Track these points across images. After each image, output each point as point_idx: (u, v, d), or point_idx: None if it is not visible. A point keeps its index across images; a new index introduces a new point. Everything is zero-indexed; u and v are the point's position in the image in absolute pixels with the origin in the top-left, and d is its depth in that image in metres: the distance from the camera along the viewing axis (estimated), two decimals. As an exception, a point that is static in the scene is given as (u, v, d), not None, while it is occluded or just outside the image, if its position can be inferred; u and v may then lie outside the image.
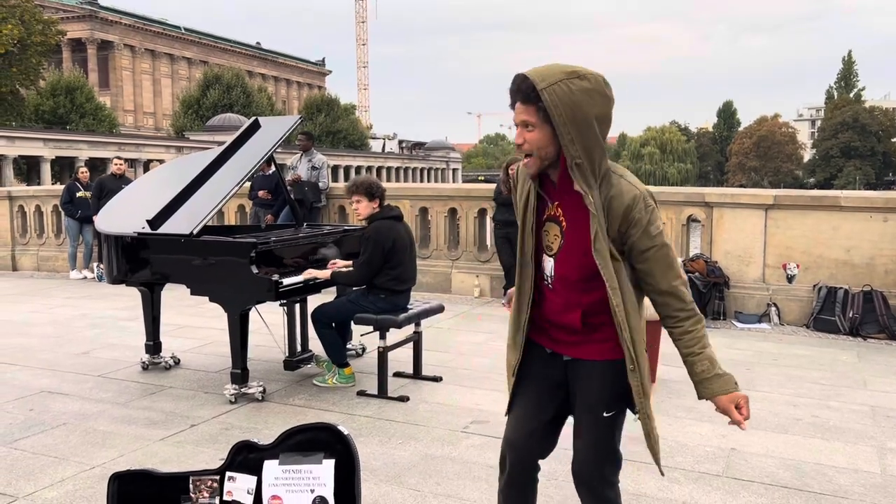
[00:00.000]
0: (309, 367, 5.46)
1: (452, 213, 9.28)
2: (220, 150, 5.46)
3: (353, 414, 4.46)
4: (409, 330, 5.16)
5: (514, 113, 2.09)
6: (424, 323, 5.42)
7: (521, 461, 2.46)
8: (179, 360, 5.67)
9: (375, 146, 78.34)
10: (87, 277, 10.85)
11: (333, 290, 5.71)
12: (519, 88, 2.05)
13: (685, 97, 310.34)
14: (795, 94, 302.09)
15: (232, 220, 10.46)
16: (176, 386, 5.10)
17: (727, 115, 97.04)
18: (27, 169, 41.01)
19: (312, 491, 2.77)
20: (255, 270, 4.53)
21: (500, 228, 8.40)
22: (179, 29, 74.58)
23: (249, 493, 2.81)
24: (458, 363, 5.65)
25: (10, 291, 9.73)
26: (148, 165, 41.80)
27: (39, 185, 34.35)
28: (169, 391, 4.98)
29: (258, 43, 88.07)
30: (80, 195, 10.84)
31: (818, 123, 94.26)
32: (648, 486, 3.47)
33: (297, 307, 5.54)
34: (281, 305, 5.36)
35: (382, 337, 4.82)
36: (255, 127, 5.56)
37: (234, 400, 4.68)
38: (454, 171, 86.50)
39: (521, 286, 2.34)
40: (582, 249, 2.15)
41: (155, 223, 4.90)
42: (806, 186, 66.54)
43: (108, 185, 10.26)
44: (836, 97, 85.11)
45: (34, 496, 3.35)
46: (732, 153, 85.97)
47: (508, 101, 2.10)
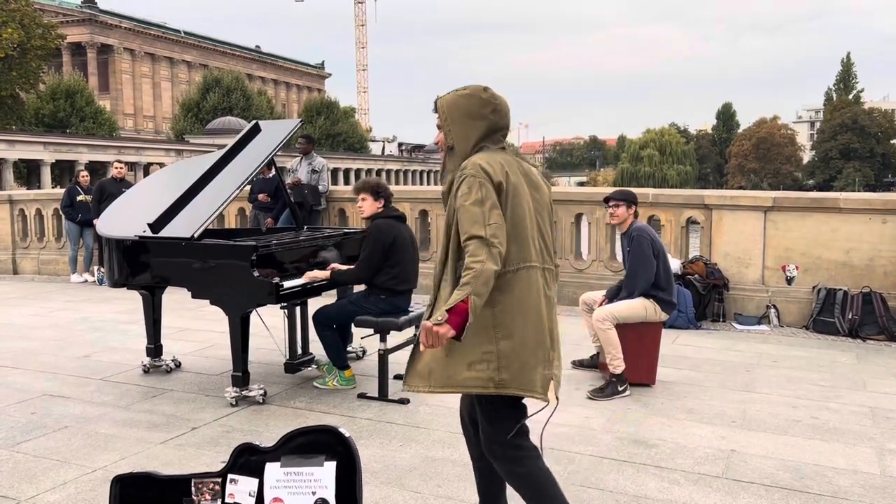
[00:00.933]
0: (310, 369, 5.47)
1: (452, 215, 9.28)
2: (220, 153, 5.48)
3: (353, 416, 4.47)
4: (409, 332, 5.17)
5: None
6: (425, 325, 5.42)
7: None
8: (180, 363, 5.68)
9: (375, 149, 78.39)
10: (87, 281, 10.87)
11: (334, 292, 5.72)
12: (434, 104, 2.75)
13: (684, 99, 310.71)
14: (794, 95, 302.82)
15: (232, 223, 10.48)
16: (177, 389, 5.11)
17: (726, 116, 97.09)
18: (27, 172, 41.01)
19: (314, 493, 2.78)
20: (255, 273, 4.54)
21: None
22: (179, 32, 74.64)
23: (251, 495, 2.83)
24: (458, 365, 5.66)
25: (10, 295, 9.74)
26: (148, 169, 41.83)
27: (40, 188, 34.35)
28: (170, 394, 4.99)
29: (258, 46, 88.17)
30: (80, 199, 10.85)
31: (817, 125, 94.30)
32: (649, 487, 3.48)
33: (297, 310, 5.56)
34: (282, 308, 5.37)
35: (383, 339, 4.83)
36: (255, 130, 5.58)
37: (235, 403, 4.69)
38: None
39: None
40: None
41: (156, 226, 4.91)
42: (805, 188, 66.55)
43: (108, 188, 10.25)
44: (835, 99, 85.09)
45: (36, 499, 3.36)
46: (732, 155, 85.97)
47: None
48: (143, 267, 5.10)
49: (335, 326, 5.03)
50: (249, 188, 9.31)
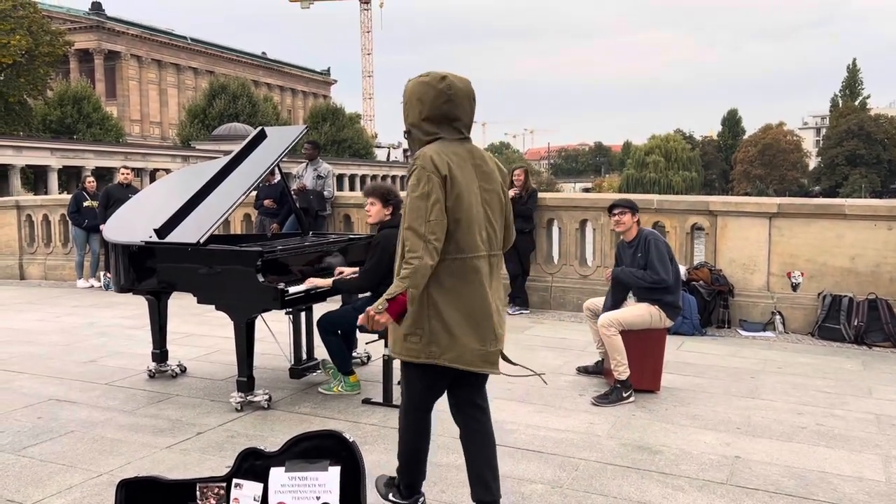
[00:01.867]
0: (314, 374, 5.48)
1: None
2: (226, 159, 5.50)
3: (358, 422, 4.47)
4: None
5: None
6: (429, 331, 5.43)
7: None
8: (186, 368, 5.70)
9: (380, 155, 78.59)
10: (93, 286, 10.91)
11: (339, 298, 5.73)
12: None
13: (690, 105, 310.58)
14: (800, 102, 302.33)
15: (238, 229, 10.51)
16: (182, 394, 5.12)
17: (732, 123, 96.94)
18: (34, 178, 41.23)
19: (318, 498, 2.79)
20: (261, 279, 4.56)
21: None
22: (186, 39, 75.01)
23: (256, 499, 2.84)
24: (462, 371, 5.66)
25: (17, 300, 9.78)
26: (154, 175, 42.02)
27: (46, 194, 34.54)
28: (175, 399, 5.01)
29: (264, 53, 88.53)
30: (86, 204, 10.90)
31: (823, 131, 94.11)
32: (653, 493, 3.47)
33: (302, 315, 5.57)
34: (287, 314, 5.39)
35: (387, 345, 4.83)
36: (261, 136, 5.60)
37: (240, 408, 4.70)
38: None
39: None
40: None
41: (162, 232, 4.94)
42: (811, 195, 66.36)
43: (114, 194, 10.31)
44: (841, 105, 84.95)
45: (42, 503, 3.38)
46: (737, 161, 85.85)
47: None
48: (149, 272, 5.13)
49: (340, 332, 5.04)
50: (255, 194, 9.34)
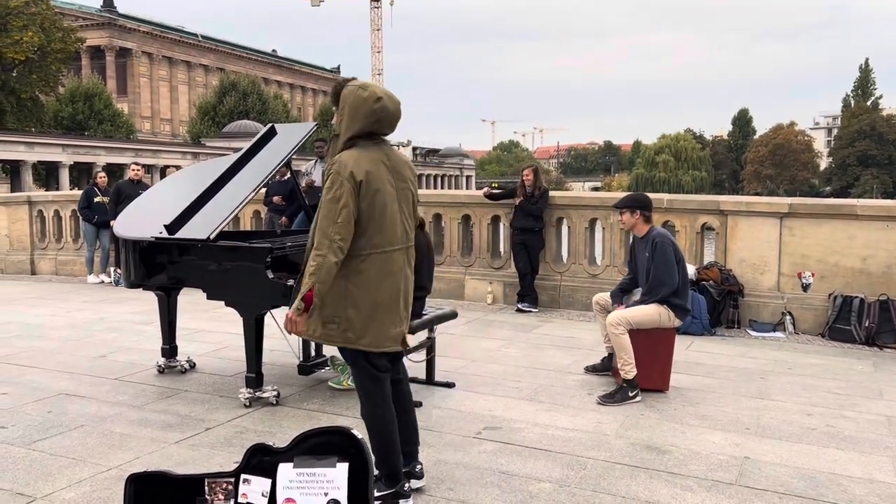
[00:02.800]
0: (323, 371, 5.49)
1: (466, 219, 9.30)
2: (236, 156, 5.52)
3: (366, 419, 4.47)
4: (422, 336, 5.18)
5: None
6: (437, 329, 5.44)
7: None
8: (195, 363, 5.72)
9: (390, 153, 78.37)
10: (104, 282, 10.96)
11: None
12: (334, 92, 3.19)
13: (700, 105, 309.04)
14: (812, 102, 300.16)
15: (247, 225, 10.54)
16: (191, 389, 5.14)
17: (742, 122, 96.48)
18: (46, 174, 41.47)
19: (326, 494, 2.79)
20: (270, 275, 4.57)
21: (517, 235, 8.42)
22: (196, 36, 75.24)
23: (264, 495, 2.84)
24: (470, 369, 5.67)
25: (28, 295, 9.84)
26: (165, 171, 42.15)
27: (58, 190, 34.72)
28: (184, 394, 5.03)
29: (274, 50, 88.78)
30: (97, 200, 10.94)
31: (835, 132, 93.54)
32: (661, 493, 3.46)
33: (311, 312, 5.57)
34: (296, 310, 5.38)
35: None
36: (271, 133, 5.61)
37: (248, 404, 4.71)
38: (468, 177, 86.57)
39: None
40: None
41: (172, 228, 4.95)
42: (822, 195, 65.90)
43: (125, 190, 10.34)
44: (852, 105, 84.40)
45: (52, 497, 3.40)
46: (748, 161, 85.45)
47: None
48: (159, 268, 5.15)
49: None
50: (265, 191, 9.35)
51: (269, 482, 2.85)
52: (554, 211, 8.67)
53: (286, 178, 9.15)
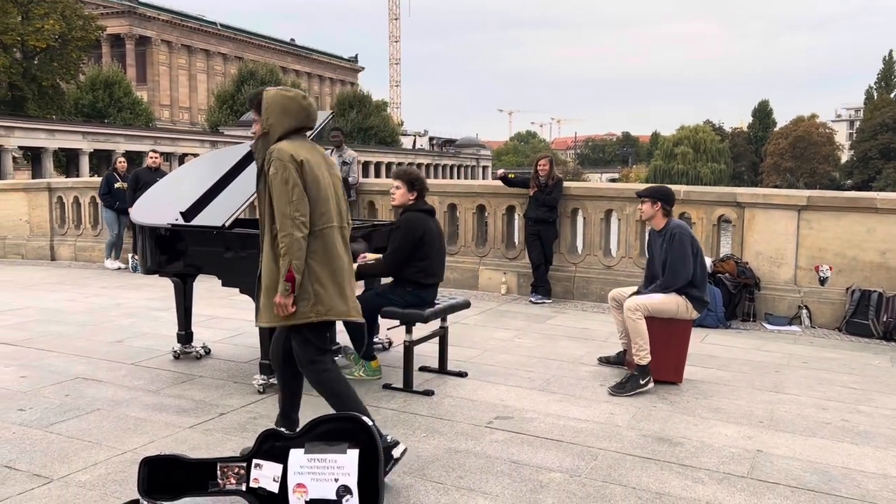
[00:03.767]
0: (336, 359, 5.50)
1: (481, 209, 9.29)
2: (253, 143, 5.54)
3: (378, 406, 4.50)
4: (435, 325, 5.19)
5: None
6: (450, 318, 5.44)
7: None
8: (210, 350, 5.76)
9: (406, 143, 78.53)
10: (119, 268, 11.05)
11: (361, 283, 5.75)
12: (248, 99, 3.53)
13: (720, 97, 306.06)
14: (834, 94, 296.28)
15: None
16: (206, 375, 5.19)
17: (763, 114, 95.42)
18: (66, 161, 41.87)
19: (336, 480, 2.81)
20: (284, 263, 4.58)
21: (531, 226, 8.40)
22: (215, 25, 75.48)
23: (275, 480, 2.87)
24: (483, 359, 5.67)
25: (48, 280, 9.97)
26: (183, 159, 42.41)
27: (78, 177, 35.05)
28: (199, 380, 5.07)
29: (292, 39, 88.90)
30: (118, 186, 10.97)
31: (857, 124, 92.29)
32: (672, 485, 3.46)
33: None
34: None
35: (409, 331, 4.86)
36: (287, 122, 5.61)
37: (262, 390, 4.75)
38: (484, 168, 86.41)
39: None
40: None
41: (188, 215, 4.99)
42: (843, 188, 65.12)
43: (143, 177, 10.39)
44: (875, 97, 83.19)
45: (68, 479, 3.45)
46: (767, 154, 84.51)
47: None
48: (175, 254, 5.19)
49: (362, 317, 5.07)
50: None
51: (280, 467, 2.88)
52: (569, 202, 8.63)
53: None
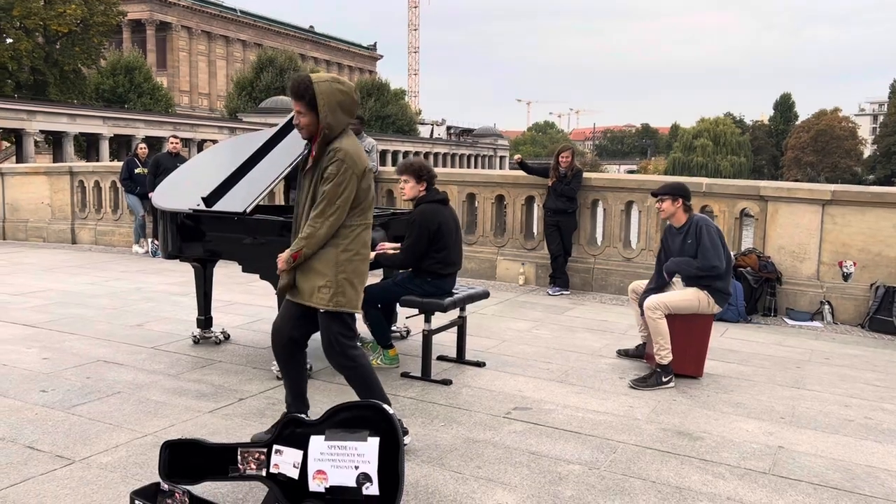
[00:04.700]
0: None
1: (500, 199, 9.25)
2: (272, 131, 5.53)
3: (396, 395, 4.50)
4: (453, 314, 5.18)
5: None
6: (469, 308, 5.43)
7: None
8: (229, 335, 5.79)
9: (424, 132, 78.40)
10: (138, 252, 11.13)
11: (380, 271, 5.75)
12: (294, 88, 3.31)
13: (742, 89, 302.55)
14: (858, 88, 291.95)
15: (281, 200, 10.60)
16: (225, 360, 5.22)
17: (784, 107, 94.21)
18: (87, 146, 42.21)
19: (357, 467, 2.81)
20: (304, 250, 4.58)
21: (549, 216, 8.36)
22: (235, 12, 75.60)
23: (295, 466, 2.87)
24: (501, 349, 5.66)
25: (69, 263, 10.06)
26: (202, 145, 42.61)
27: (98, 161, 35.33)
28: (218, 365, 5.10)
29: (311, 27, 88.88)
30: (138, 171, 11.03)
31: (881, 118, 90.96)
32: (692, 480, 3.43)
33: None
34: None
35: (427, 320, 4.85)
36: (308, 108, 5.60)
37: (280, 376, 4.75)
38: (501, 158, 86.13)
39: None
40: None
41: (209, 201, 5.00)
42: (865, 183, 64.34)
43: (163, 162, 10.44)
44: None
45: (89, 460, 3.48)
46: (788, 147, 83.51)
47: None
48: (195, 240, 5.21)
49: (380, 306, 5.07)
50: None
51: (300, 454, 2.88)
52: (589, 193, 8.57)
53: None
